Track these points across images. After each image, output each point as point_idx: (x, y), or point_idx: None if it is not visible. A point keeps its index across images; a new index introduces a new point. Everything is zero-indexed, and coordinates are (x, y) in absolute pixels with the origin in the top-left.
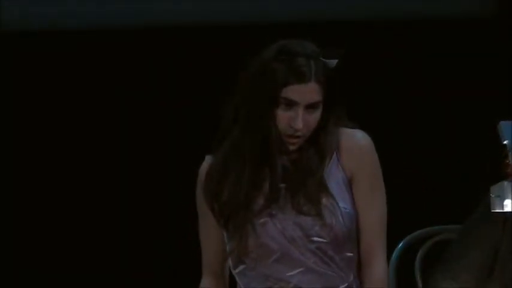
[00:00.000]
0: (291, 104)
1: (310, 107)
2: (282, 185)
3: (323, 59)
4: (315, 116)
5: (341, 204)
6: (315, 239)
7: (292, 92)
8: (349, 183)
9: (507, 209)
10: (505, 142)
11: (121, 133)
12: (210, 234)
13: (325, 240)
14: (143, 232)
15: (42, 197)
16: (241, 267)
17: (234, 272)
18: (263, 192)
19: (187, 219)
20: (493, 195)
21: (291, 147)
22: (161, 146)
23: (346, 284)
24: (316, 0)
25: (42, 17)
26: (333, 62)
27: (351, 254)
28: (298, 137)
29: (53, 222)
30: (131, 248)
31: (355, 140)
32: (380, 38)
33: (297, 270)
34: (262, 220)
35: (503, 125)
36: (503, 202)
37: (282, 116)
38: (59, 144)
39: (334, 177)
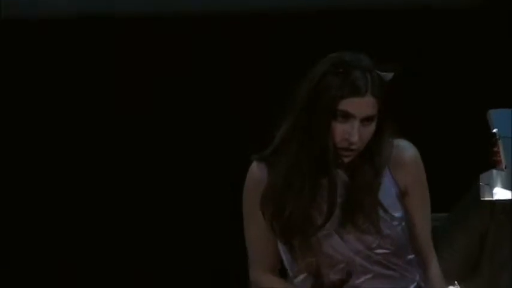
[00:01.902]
0: (347, 117)
1: (366, 120)
2: (340, 200)
3: (378, 72)
4: (370, 129)
5: (397, 215)
6: (378, 251)
7: (349, 104)
8: (402, 195)
9: (496, 196)
10: (494, 130)
11: (121, 127)
12: (262, 236)
13: (388, 251)
14: (143, 232)
15: (37, 194)
16: (301, 276)
17: (294, 281)
18: (323, 206)
19: (187, 219)
20: (482, 183)
21: (345, 160)
22: (161, 145)
23: (415, 284)
24: None
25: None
26: (389, 76)
27: (412, 256)
28: (352, 150)
29: (44, 217)
30: (131, 248)
31: (405, 152)
32: (361, 28)
33: (365, 277)
34: (325, 233)
35: (492, 113)
36: (492, 190)
37: (338, 128)
38: (56, 139)
39: (388, 190)
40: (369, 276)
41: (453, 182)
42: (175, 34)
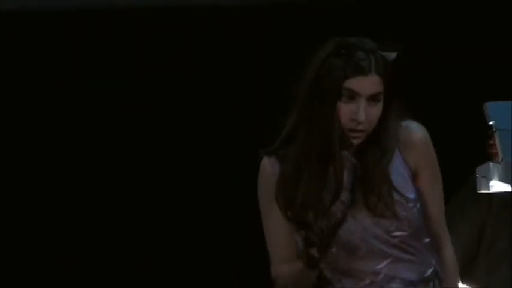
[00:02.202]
0: (352, 96)
1: (372, 99)
2: (351, 185)
3: (381, 53)
4: (377, 109)
5: (411, 197)
6: (396, 233)
7: (353, 83)
8: (414, 176)
9: (493, 189)
10: (490, 123)
11: (120, 125)
12: (281, 228)
13: (406, 233)
14: (142, 228)
15: (37, 191)
16: (322, 265)
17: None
18: (339, 191)
19: (186, 219)
20: (479, 176)
21: (354, 142)
22: (160, 143)
23: (432, 268)
24: None
25: None
26: (392, 55)
27: (428, 240)
28: (360, 131)
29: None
30: (130, 243)
31: (414, 133)
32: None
33: (386, 262)
34: (343, 220)
35: (489, 106)
36: (489, 183)
37: (344, 109)
38: (55, 135)
39: (399, 171)
40: (388, 260)
41: (450, 175)
42: (174, 27)
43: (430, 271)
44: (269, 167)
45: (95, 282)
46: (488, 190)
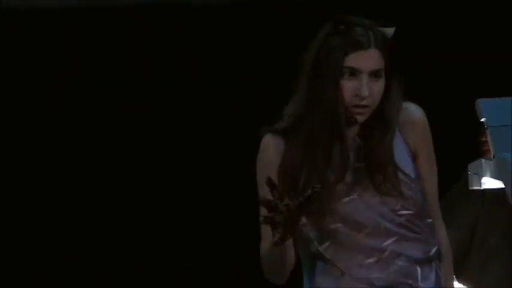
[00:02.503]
0: (354, 73)
1: (374, 75)
2: (357, 164)
3: (380, 28)
4: (379, 85)
5: (413, 177)
6: (402, 212)
7: (354, 60)
8: (413, 156)
9: (484, 186)
10: (482, 120)
11: (119, 124)
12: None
13: (411, 212)
14: (141, 226)
15: (36, 189)
16: (327, 243)
17: (320, 248)
18: (344, 170)
19: (186, 218)
20: (471, 173)
21: (359, 118)
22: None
23: (436, 248)
24: None
25: None
26: (390, 30)
27: (430, 220)
28: (364, 106)
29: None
30: (129, 242)
31: (413, 114)
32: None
33: (392, 240)
34: (349, 198)
35: (481, 103)
36: (480, 179)
37: (347, 85)
38: (54, 134)
39: (401, 151)
40: (394, 238)
41: (443, 171)
42: (174, 27)
43: (433, 250)
44: (273, 143)
45: (95, 281)
46: (480, 187)
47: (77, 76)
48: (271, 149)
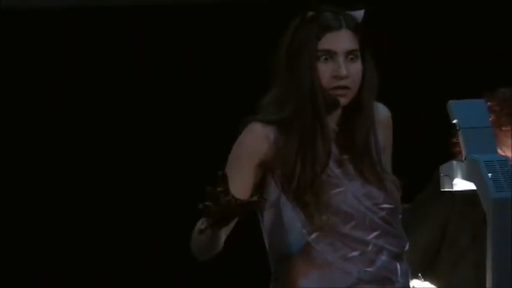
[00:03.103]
0: (330, 56)
1: (349, 55)
2: (346, 156)
3: (349, 12)
4: (357, 66)
5: (388, 170)
6: (384, 206)
7: (327, 42)
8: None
9: (456, 187)
10: (454, 121)
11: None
12: (244, 194)
13: (392, 206)
14: (142, 225)
15: (36, 188)
16: (315, 234)
17: (309, 238)
18: (331, 162)
19: (186, 218)
20: (442, 174)
21: (342, 101)
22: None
23: (407, 243)
24: None
25: None
26: (360, 13)
27: (400, 216)
28: (345, 87)
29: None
30: (129, 242)
31: (383, 111)
32: None
33: (375, 233)
34: (338, 190)
35: (453, 104)
36: (452, 181)
37: (323, 68)
38: (53, 133)
39: (378, 145)
40: (377, 232)
41: (414, 173)
42: (174, 27)
43: (406, 246)
44: (263, 133)
45: (95, 281)
46: (452, 188)
47: (77, 76)
48: (260, 138)
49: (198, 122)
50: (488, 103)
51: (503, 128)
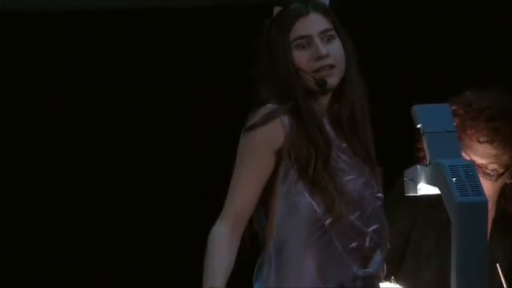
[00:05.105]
0: (306, 41)
1: (325, 35)
2: (345, 145)
3: (315, 1)
4: (335, 45)
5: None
6: (378, 195)
7: (299, 28)
8: None
9: (420, 192)
10: (418, 126)
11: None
12: (256, 184)
13: (382, 196)
14: (142, 225)
15: (36, 188)
16: (329, 220)
17: (325, 223)
18: (336, 149)
19: (186, 219)
20: (407, 179)
21: (330, 81)
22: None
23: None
24: None
25: None
26: (326, 1)
27: None
28: (330, 67)
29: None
30: (129, 241)
31: None
32: None
33: (374, 227)
34: (349, 177)
35: (417, 109)
36: (416, 185)
37: (302, 54)
38: (53, 133)
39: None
40: (376, 226)
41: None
42: (175, 27)
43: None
44: (278, 120)
45: (95, 281)
46: (416, 193)
47: (77, 76)
48: (277, 125)
49: (198, 122)
50: (453, 107)
51: (468, 132)
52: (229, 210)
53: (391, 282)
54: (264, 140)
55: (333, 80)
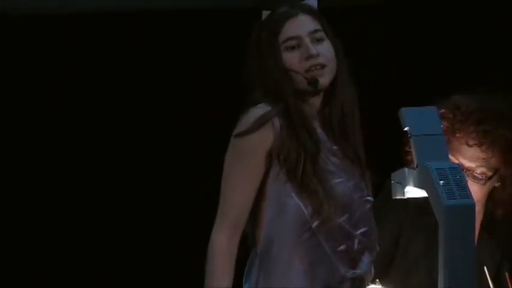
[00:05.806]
0: (296, 42)
1: (314, 35)
2: (336, 147)
3: (303, 2)
4: (325, 45)
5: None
6: (368, 198)
7: (288, 30)
8: None
9: (408, 195)
10: (405, 129)
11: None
12: (250, 190)
13: (372, 199)
14: (142, 225)
15: (36, 188)
16: (316, 222)
17: (313, 226)
18: (325, 151)
19: (186, 219)
20: (394, 182)
21: (321, 81)
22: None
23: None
24: None
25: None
26: (314, 3)
27: None
28: (321, 66)
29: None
30: (129, 241)
31: None
32: None
33: (363, 229)
34: (339, 180)
35: (404, 112)
36: (404, 188)
37: (292, 55)
38: (53, 134)
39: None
40: (364, 229)
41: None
42: (174, 28)
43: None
44: (269, 121)
45: (95, 281)
46: (403, 196)
47: (77, 76)
48: (268, 127)
49: (198, 122)
50: (442, 110)
51: (457, 135)
52: (228, 219)
53: (376, 284)
54: (255, 146)
55: (324, 80)
